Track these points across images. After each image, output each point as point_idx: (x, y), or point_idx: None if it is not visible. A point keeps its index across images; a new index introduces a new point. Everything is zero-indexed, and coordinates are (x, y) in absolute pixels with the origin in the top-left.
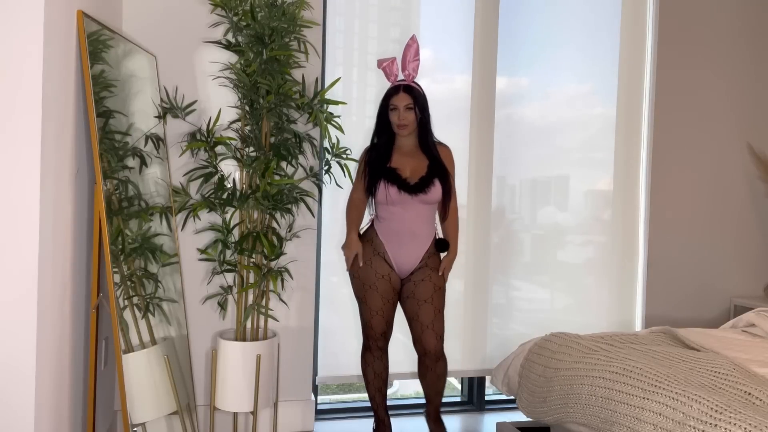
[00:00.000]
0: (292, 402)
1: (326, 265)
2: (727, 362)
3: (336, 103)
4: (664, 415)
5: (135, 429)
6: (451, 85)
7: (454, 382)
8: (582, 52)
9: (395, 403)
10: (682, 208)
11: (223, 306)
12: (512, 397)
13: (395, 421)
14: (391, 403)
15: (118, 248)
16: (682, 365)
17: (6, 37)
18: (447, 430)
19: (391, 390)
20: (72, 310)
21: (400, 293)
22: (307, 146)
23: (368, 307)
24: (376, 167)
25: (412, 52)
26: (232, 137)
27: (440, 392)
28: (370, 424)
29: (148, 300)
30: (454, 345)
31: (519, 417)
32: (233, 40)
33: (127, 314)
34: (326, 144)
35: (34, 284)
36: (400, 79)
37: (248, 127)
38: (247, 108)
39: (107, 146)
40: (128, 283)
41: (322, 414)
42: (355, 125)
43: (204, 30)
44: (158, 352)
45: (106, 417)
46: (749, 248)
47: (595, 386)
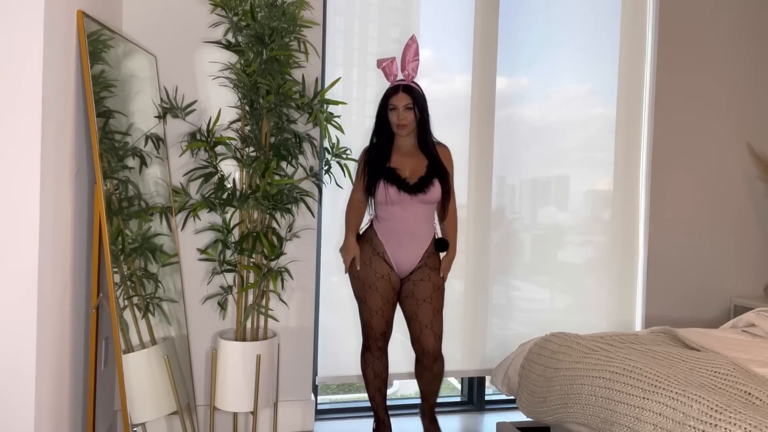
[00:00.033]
0: (292, 402)
1: (326, 265)
2: (727, 362)
3: (336, 103)
4: (664, 415)
5: (135, 429)
6: (451, 85)
7: (454, 382)
8: (582, 52)
9: (395, 403)
10: (682, 208)
11: (223, 306)
12: (512, 397)
13: (395, 421)
14: (390, 403)
15: (118, 248)
16: (682, 365)
17: (6, 37)
18: (441, 430)
19: (391, 390)
20: (72, 310)
21: (400, 293)
22: (307, 146)
23: (368, 307)
24: (376, 167)
25: (411, 52)
26: (232, 137)
27: (436, 392)
28: (370, 424)
29: (148, 300)
30: (454, 345)
31: (519, 417)
32: (233, 40)
33: (127, 314)
34: (326, 144)
35: (34, 284)
36: (400, 79)
37: (248, 127)
38: (247, 108)
39: (107, 146)
40: (128, 283)
41: (322, 414)
42: (355, 125)
43: (204, 30)
44: (158, 352)
45: (106, 417)
46: (749, 248)
47: (595, 386)
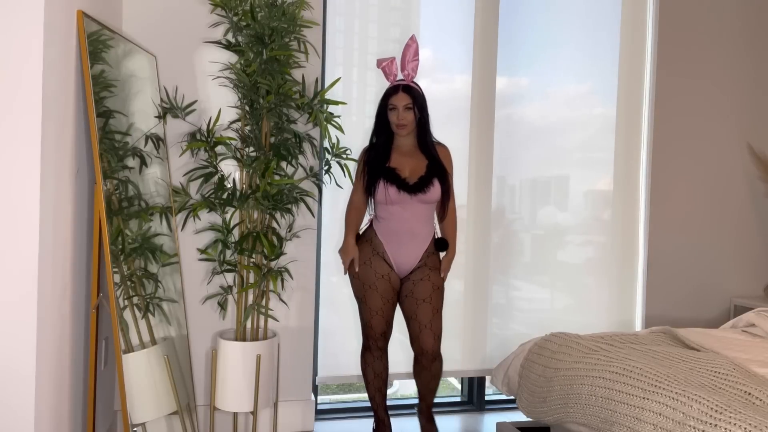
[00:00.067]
0: (292, 402)
1: (326, 265)
2: (727, 362)
3: (336, 103)
4: (664, 415)
5: (135, 429)
6: (451, 85)
7: (454, 382)
8: (582, 52)
9: (395, 403)
10: (682, 208)
11: (223, 306)
12: (512, 397)
13: (395, 421)
14: (390, 403)
15: (118, 248)
16: (682, 365)
17: (6, 37)
18: (438, 428)
19: (391, 390)
20: (72, 310)
21: (399, 292)
22: (307, 146)
23: (368, 307)
24: (375, 167)
25: (411, 52)
26: (232, 137)
27: (434, 391)
28: (370, 424)
29: (148, 300)
30: (454, 345)
31: (519, 417)
32: (233, 40)
33: (127, 314)
34: (326, 144)
35: (34, 284)
36: (399, 78)
37: (248, 127)
38: (247, 108)
39: (107, 146)
40: (128, 283)
41: (322, 414)
42: (355, 125)
43: (204, 30)
44: (158, 352)
45: (106, 417)
46: (749, 248)
47: (595, 386)
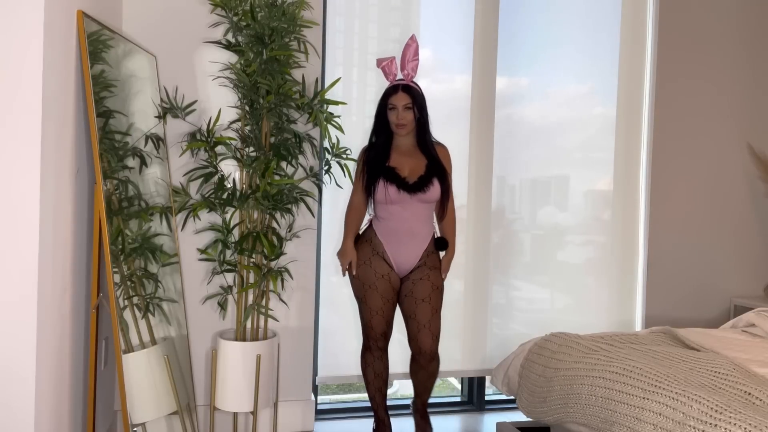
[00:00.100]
0: (292, 402)
1: (326, 265)
2: (727, 362)
3: (336, 103)
4: (664, 415)
5: (135, 429)
6: (451, 85)
7: (454, 382)
8: (582, 52)
9: (395, 403)
10: (682, 208)
11: (223, 306)
12: (512, 397)
13: (395, 421)
14: (391, 403)
15: (118, 248)
16: (682, 365)
17: (6, 37)
18: (432, 426)
19: (391, 390)
20: (72, 310)
21: (399, 292)
22: (307, 146)
23: (368, 306)
24: (375, 166)
25: (411, 52)
26: (232, 137)
27: (430, 389)
28: (370, 424)
29: (148, 300)
30: (454, 345)
31: (519, 417)
32: (233, 40)
33: (127, 314)
34: (326, 144)
35: (34, 284)
36: (399, 78)
37: (248, 127)
38: (247, 108)
39: (107, 146)
40: (128, 283)
41: (322, 414)
42: (355, 125)
43: (204, 30)
44: (158, 352)
45: (106, 417)
46: (749, 248)
47: (595, 386)
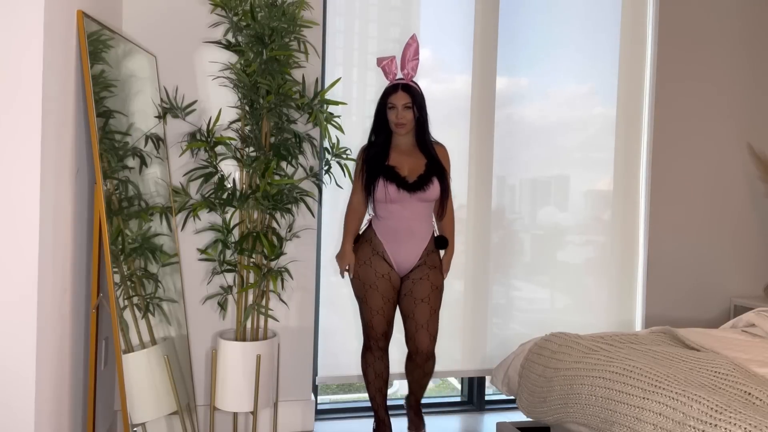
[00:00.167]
0: (292, 402)
1: (326, 265)
2: (727, 362)
3: (336, 103)
4: (664, 415)
5: (135, 429)
6: (451, 85)
7: (454, 382)
8: (582, 52)
9: (395, 403)
10: (682, 208)
11: (223, 306)
12: (512, 397)
13: (395, 421)
14: (391, 403)
15: (118, 248)
16: (682, 365)
17: (6, 37)
18: (425, 422)
19: (391, 390)
20: (72, 310)
21: (399, 291)
22: (307, 146)
23: (369, 306)
24: (374, 165)
25: (411, 51)
26: (232, 137)
27: (424, 387)
28: (370, 424)
29: (148, 300)
30: (454, 345)
31: (519, 417)
32: (233, 40)
33: (127, 314)
34: (326, 144)
35: (34, 284)
36: (399, 77)
37: (248, 127)
38: (247, 108)
39: (107, 146)
40: (128, 283)
41: (322, 414)
42: (355, 125)
43: (204, 30)
44: (158, 352)
45: (106, 417)
46: (749, 248)
47: (595, 386)
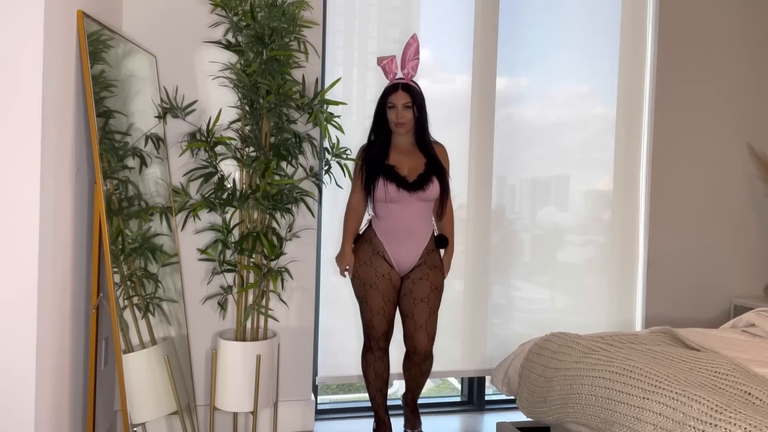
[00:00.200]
0: (292, 402)
1: (326, 265)
2: (727, 362)
3: (336, 103)
4: (664, 415)
5: (135, 429)
6: (451, 85)
7: (454, 382)
8: (582, 52)
9: (395, 403)
10: (682, 208)
11: (223, 306)
12: (512, 397)
13: (395, 421)
14: (391, 403)
15: (118, 248)
16: (682, 365)
17: (6, 37)
18: (421, 421)
19: (392, 390)
20: (72, 310)
21: (399, 290)
22: (307, 146)
23: (369, 306)
24: (374, 165)
25: (412, 51)
26: (232, 137)
27: (421, 386)
28: (370, 424)
29: (148, 300)
30: (454, 345)
31: (519, 417)
32: (233, 40)
33: (127, 314)
34: (326, 144)
35: (34, 284)
36: (399, 77)
37: (248, 127)
38: (247, 108)
39: (107, 146)
40: (128, 283)
41: (322, 414)
42: (355, 125)
43: (204, 30)
44: (158, 352)
45: (106, 417)
46: (749, 248)
47: (595, 386)
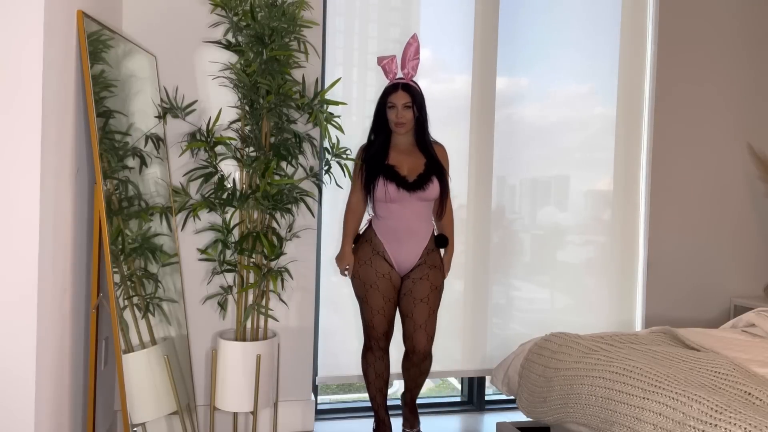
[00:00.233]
0: (292, 402)
1: (326, 265)
2: (727, 362)
3: (336, 103)
4: (664, 415)
5: (135, 429)
6: (451, 85)
7: (454, 382)
8: (582, 52)
9: (396, 403)
10: (682, 208)
11: (223, 306)
12: (512, 397)
13: (395, 421)
14: (391, 403)
15: (118, 248)
16: (682, 365)
17: (6, 37)
18: (420, 420)
19: (392, 390)
20: (72, 310)
21: (399, 290)
22: (307, 146)
23: (369, 306)
24: (374, 164)
25: (412, 51)
26: (232, 137)
27: (420, 385)
28: (370, 424)
29: (148, 300)
30: (454, 345)
31: (519, 417)
32: (233, 40)
33: (127, 314)
34: (326, 144)
35: (34, 284)
36: (399, 77)
37: (248, 127)
38: (247, 108)
39: (107, 146)
40: (128, 283)
41: (322, 414)
42: (355, 125)
43: (204, 30)
44: (158, 352)
45: (106, 417)
46: (749, 248)
47: (595, 386)
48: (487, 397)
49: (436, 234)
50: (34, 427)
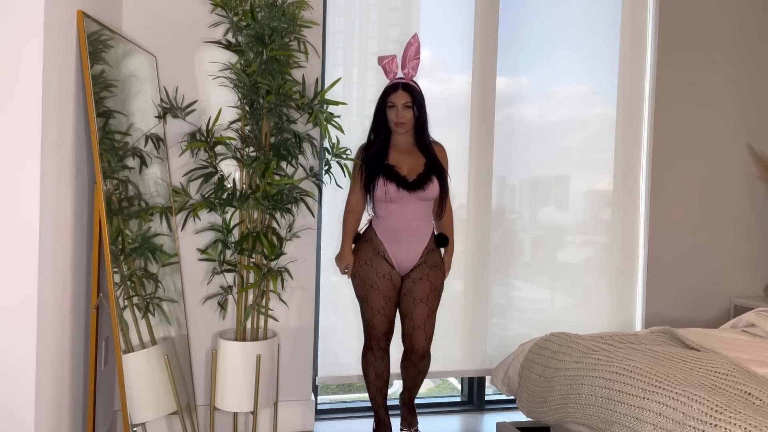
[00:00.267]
0: (292, 402)
1: (326, 265)
2: (727, 362)
3: (336, 103)
4: (664, 415)
5: (135, 429)
6: (451, 85)
7: (454, 382)
8: (582, 52)
9: (396, 403)
10: (682, 208)
11: (223, 306)
12: (512, 397)
13: (395, 421)
14: (391, 403)
15: (118, 248)
16: (682, 365)
17: (6, 37)
18: (418, 419)
19: (392, 390)
20: (72, 310)
21: (399, 290)
22: (307, 146)
23: (370, 306)
24: (374, 164)
25: (412, 51)
26: (232, 137)
27: (418, 385)
28: (370, 424)
29: (148, 300)
30: (454, 345)
31: (519, 417)
32: (233, 40)
33: (127, 314)
34: (326, 144)
35: (34, 284)
36: (399, 76)
37: (248, 127)
38: (247, 108)
39: (107, 146)
40: (128, 283)
41: (322, 414)
42: (355, 125)
43: (204, 30)
44: (158, 352)
45: (106, 417)
46: (749, 248)
47: (595, 386)
48: (487, 397)
49: (436, 234)
50: (34, 427)
